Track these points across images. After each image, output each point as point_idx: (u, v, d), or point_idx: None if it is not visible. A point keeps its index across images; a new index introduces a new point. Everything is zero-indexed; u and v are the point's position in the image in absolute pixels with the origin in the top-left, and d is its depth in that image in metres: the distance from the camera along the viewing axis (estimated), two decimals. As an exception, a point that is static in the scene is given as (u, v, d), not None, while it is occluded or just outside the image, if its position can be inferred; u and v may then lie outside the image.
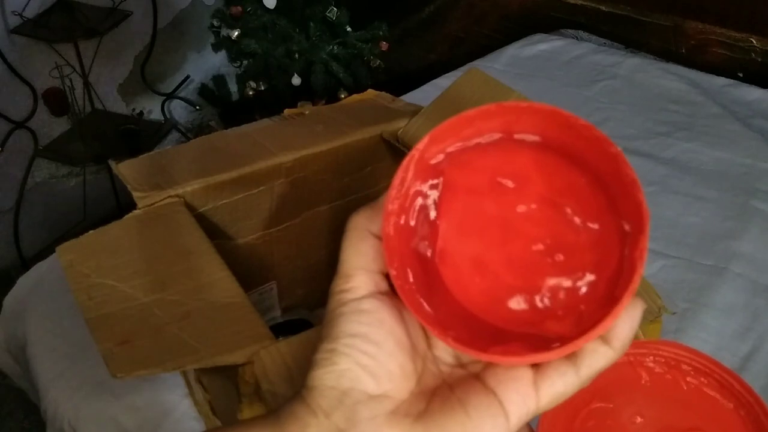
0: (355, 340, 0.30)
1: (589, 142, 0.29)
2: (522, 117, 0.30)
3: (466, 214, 0.32)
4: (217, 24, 1.84)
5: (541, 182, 0.31)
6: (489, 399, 0.29)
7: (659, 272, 1.13)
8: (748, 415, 0.38)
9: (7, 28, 1.56)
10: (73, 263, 0.60)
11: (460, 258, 0.32)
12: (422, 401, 0.30)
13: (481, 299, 0.31)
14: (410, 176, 0.31)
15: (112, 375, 0.51)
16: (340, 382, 0.29)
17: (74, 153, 1.71)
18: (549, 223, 0.31)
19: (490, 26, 2.09)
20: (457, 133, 0.31)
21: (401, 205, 0.31)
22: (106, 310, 0.56)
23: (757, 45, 1.71)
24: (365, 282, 0.31)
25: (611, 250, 0.29)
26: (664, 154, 1.41)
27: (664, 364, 0.41)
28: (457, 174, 0.32)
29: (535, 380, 0.29)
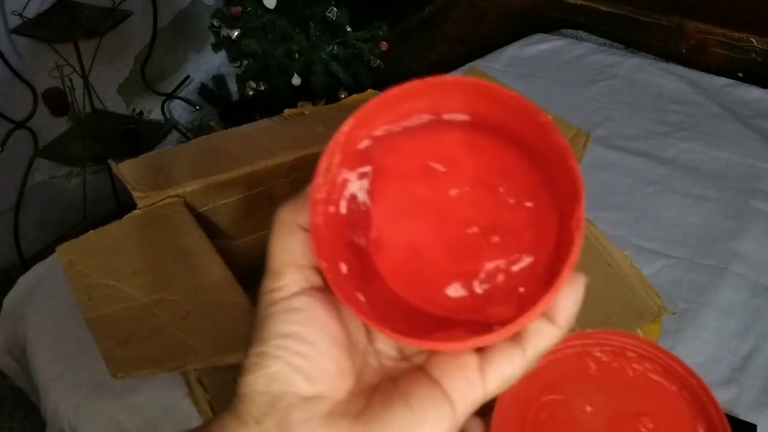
0: (287, 341, 0.28)
1: (518, 113, 0.28)
2: (449, 94, 0.29)
3: (399, 201, 0.31)
4: (217, 24, 1.84)
5: (473, 163, 0.30)
6: (433, 390, 0.28)
7: (659, 272, 1.13)
8: (691, 396, 0.39)
9: (7, 28, 1.56)
10: (73, 263, 0.60)
11: (395, 246, 0.31)
12: (362, 399, 0.29)
13: (419, 288, 0.30)
14: (336, 162, 0.29)
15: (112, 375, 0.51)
16: (272, 387, 0.28)
17: (74, 153, 1.71)
18: (483, 205, 0.30)
19: (490, 26, 2.09)
20: (384, 114, 0.30)
21: (329, 194, 0.29)
22: (106, 310, 0.56)
23: (757, 45, 1.71)
24: (296, 279, 0.30)
25: (549, 228, 0.29)
26: (664, 154, 1.41)
27: (611, 352, 0.41)
28: (387, 160, 0.31)
29: (481, 366, 0.28)
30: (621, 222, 1.24)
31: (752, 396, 0.96)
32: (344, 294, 0.28)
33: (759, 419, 0.91)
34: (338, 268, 0.29)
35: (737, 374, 0.99)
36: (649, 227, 1.23)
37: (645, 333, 0.58)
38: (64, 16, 1.56)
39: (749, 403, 0.95)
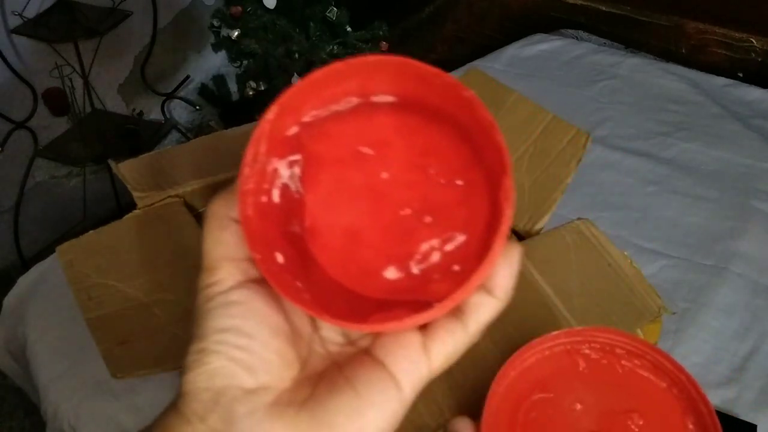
0: (226, 335, 0.28)
1: (443, 90, 0.28)
2: (374, 75, 0.29)
3: (332, 187, 0.31)
4: (217, 24, 1.84)
5: (403, 145, 0.30)
6: (378, 372, 0.28)
7: (659, 272, 1.13)
8: (680, 392, 0.39)
9: (7, 28, 1.56)
10: (73, 263, 0.60)
11: (331, 233, 0.30)
12: (308, 387, 0.29)
13: (356, 273, 0.30)
14: (263, 151, 0.29)
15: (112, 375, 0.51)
16: (214, 382, 0.27)
17: (74, 153, 1.71)
18: (414, 186, 0.30)
19: (490, 26, 2.09)
20: (311, 99, 0.29)
21: (258, 184, 0.29)
22: (106, 310, 0.56)
23: (757, 45, 1.71)
24: (231, 272, 0.29)
25: (480, 205, 0.29)
26: (664, 154, 1.41)
27: (600, 350, 0.41)
28: (317, 146, 0.30)
29: (425, 343, 0.29)
30: (621, 222, 1.24)
31: (752, 396, 0.96)
32: (279, 283, 0.28)
33: (759, 419, 0.92)
34: (273, 258, 0.29)
35: (737, 374, 0.99)
36: (649, 227, 1.23)
37: (645, 333, 0.58)
38: (64, 16, 1.56)
39: (749, 403, 0.95)
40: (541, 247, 0.58)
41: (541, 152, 0.64)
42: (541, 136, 0.65)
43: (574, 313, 0.54)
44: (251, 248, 0.28)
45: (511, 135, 0.66)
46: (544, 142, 0.64)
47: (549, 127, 0.65)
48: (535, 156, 0.64)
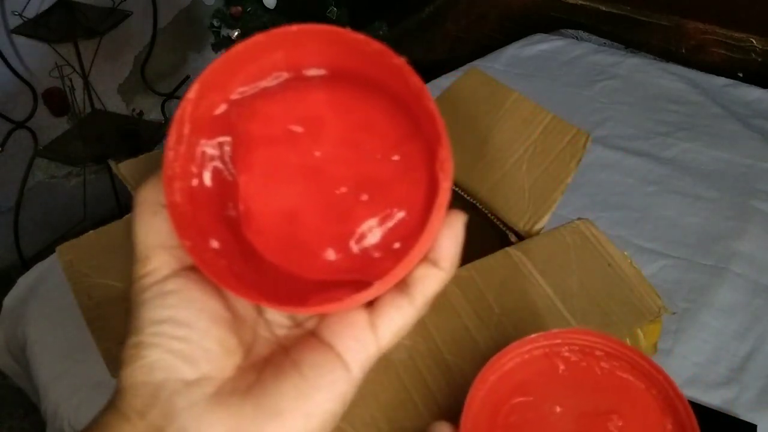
0: (162, 327, 0.27)
1: (373, 59, 0.27)
2: (300, 46, 0.28)
3: (265, 169, 0.29)
4: (217, 24, 1.84)
5: (336, 121, 0.29)
6: (325, 353, 0.27)
7: (659, 272, 1.13)
8: (659, 392, 0.39)
9: (7, 28, 1.56)
10: (73, 263, 0.60)
11: (267, 216, 0.29)
12: (253, 373, 0.28)
13: (296, 256, 0.29)
14: (188, 132, 0.27)
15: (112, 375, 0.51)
16: (153, 376, 0.26)
17: (74, 153, 1.71)
18: (349, 163, 0.29)
19: (491, 26, 2.09)
20: (236, 75, 0.28)
21: (186, 168, 0.28)
22: (106, 310, 0.56)
23: (757, 45, 1.71)
24: (166, 261, 0.28)
25: (418, 179, 0.28)
26: (664, 154, 1.41)
27: (579, 351, 0.41)
28: (246, 126, 0.29)
29: (372, 321, 0.28)
30: (621, 222, 1.24)
31: (752, 396, 0.96)
32: (212, 270, 0.27)
33: (759, 419, 0.92)
34: (205, 244, 0.28)
35: (737, 374, 0.99)
36: (649, 227, 1.23)
37: (645, 333, 0.58)
38: (64, 16, 1.56)
39: (749, 403, 0.95)
40: (541, 247, 0.58)
41: (541, 152, 0.64)
42: (541, 136, 0.65)
43: (574, 313, 0.54)
44: (180, 235, 0.27)
45: (511, 135, 0.66)
46: (544, 142, 0.64)
47: (549, 127, 0.65)
48: (535, 156, 0.64)
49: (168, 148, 0.27)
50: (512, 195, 0.63)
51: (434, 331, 0.49)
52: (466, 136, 0.67)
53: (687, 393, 1.02)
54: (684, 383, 0.97)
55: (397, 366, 0.47)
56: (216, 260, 0.28)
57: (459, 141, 0.68)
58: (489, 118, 0.67)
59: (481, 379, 0.39)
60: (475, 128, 0.67)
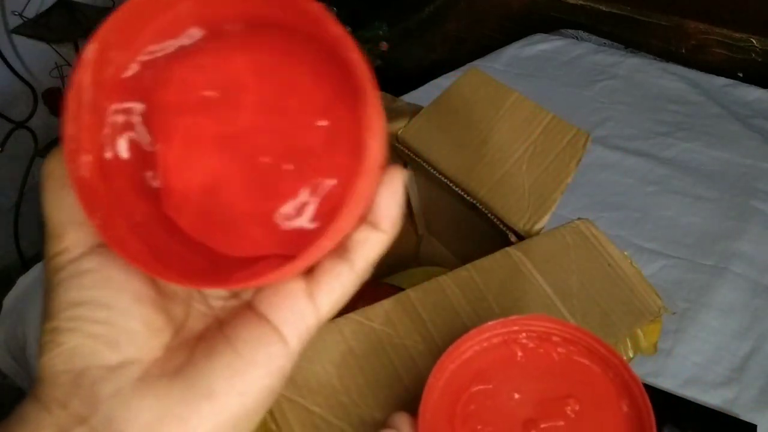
0: (80, 310, 0.25)
1: (289, 8, 0.25)
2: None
3: (184, 138, 0.27)
4: (217, 24, 1.84)
5: (257, 86, 0.27)
6: (260, 327, 0.26)
7: (659, 272, 1.13)
8: (615, 376, 0.40)
9: (7, 28, 1.56)
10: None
11: (187, 190, 0.27)
12: (184, 352, 0.26)
13: (219, 232, 0.27)
14: (92, 98, 0.25)
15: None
16: (72, 363, 0.24)
17: (74, 153, 1.71)
18: (273, 131, 0.27)
19: (491, 26, 2.09)
20: (141, 30, 0.25)
21: (92, 139, 0.25)
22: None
23: (757, 45, 1.71)
24: (80, 238, 0.26)
25: (349, 144, 0.25)
26: (664, 154, 1.41)
27: (536, 338, 0.41)
28: (162, 91, 0.26)
29: (310, 290, 0.26)
30: (621, 222, 1.24)
31: (752, 396, 0.96)
32: (123, 248, 0.24)
33: (759, 419, 0.91)
34: (118, 221, 0.25)
35: (737, 374, 0.99)
36: (649, 227, 1.23)
37: (645, 333, 0.58)
38: (64, 16, 1.56)
39: (749, 403, 0.95)
40: (541, 247, 0.58)
41: (541, 152, 0.64)
42: (541, 136, 0.65)
43: (574, 313, 0.54)
44: (87, 212, 0.24)
45: (511, 135, 0.66)
46: (544, 142, 0.64)
47: (549, 127, 0.65)
48: (535, 156, 0.64)
49: (67, 119, 0.24)
50: (512, 195, 0.63)
51: (434, 331, 0.49)
52: (466, 136, 0.67)
53: (687, 393, 1.02)
54: (684, 383, 0.97)
55: (397, 366, 0.47)
56: (129, 238, 0.25)
57: (459, 141, 0.68)
58: (489, 118, 0.67)
59: (440, 368, 0.40)
60: (475, 128, 0.67)
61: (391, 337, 0.48)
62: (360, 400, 0.45)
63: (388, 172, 0.27)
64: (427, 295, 0.51)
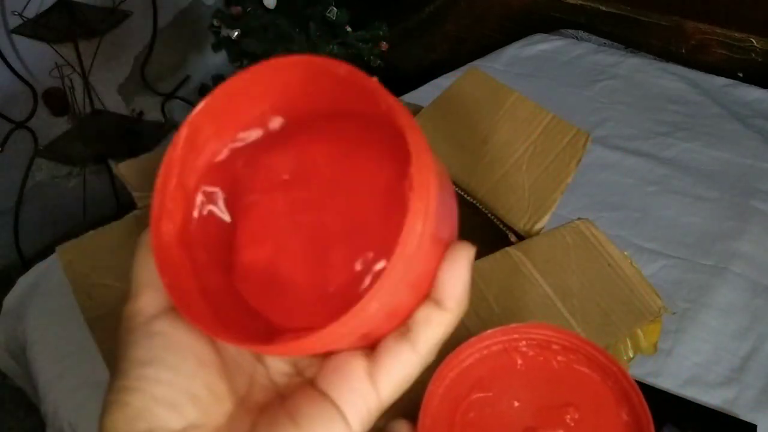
0: (147, 370, 0.25)
1: (363, 99, 0.26)
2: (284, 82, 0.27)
3: (258, 215, 0.29)
4: (217, 24, 1.84)
5: (328, 169, 0.28)
6: (321, 404, 0.25)
7: (659, 272, 1.13)
8: (614, 384, 0.40)
9: (7, 28, 1.56)
10: (73, 263, 0.60)
11: (254, 262, 0.28)
12: (246, 422, 0.26)
13: (279, 302, 0.28)
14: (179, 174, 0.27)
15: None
16: (136, 426, 0.25)
17: (74, 153, 1.71)
18: (338, 209, 0.28)
19: (491, 26, 2.09)
20: (226, 117, 0.27)
21: (178, 210, 0.27)
22: (106, 310, 0.56)
23: (757, 45, 1.71)
24: (154, 299, 0.27)
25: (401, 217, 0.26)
26: (664, 154, 1.41)
27: (536, 346, 0.42)
28: (250, 176, 0.28)
29: (371, 371, 0.26)
30: (621, 222, 1.24)
31: (752, 396, 0.96)
32: (187, 309, 0.25)
33: (759, 419, 0.92)
34: (189, 285, 0.27)
35: (737, 374, 0.99)
36: (649, 227, 1.23)
37: (645, 333, 0.58)
38: (64, 16, 1.56)
39: (749, 403, 0.95)
40: (541, 247, 0.58)
41: (541, 152, 0.64)
42: (541, 136, 0.65)
43: (574, 313, 0.54)
44: (160, 272, 0.26)
45: (511, 135, 0.66)
46: (544, 142, 0.64)
47: (549, 127, 0.65)
48: (535, 156, 0.64)
49: (157, 190, 0.26)
50: (512, 195, 0.63)
51: (434, 331, 0.49)
52: (466, 136, 0.67)
53: (687, 393, 1.02)
54: (684, 383, 0.97)
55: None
56: (195, 301, 0.26)
57: (459, 141, 0.68)
58: (489, 118, 0.67)
59: (439, 375, 0.40)
60: (475, 128, 0.67)
61: (391, 337, 0.48)
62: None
63: (454, 249, 0.26)
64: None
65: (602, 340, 0.54)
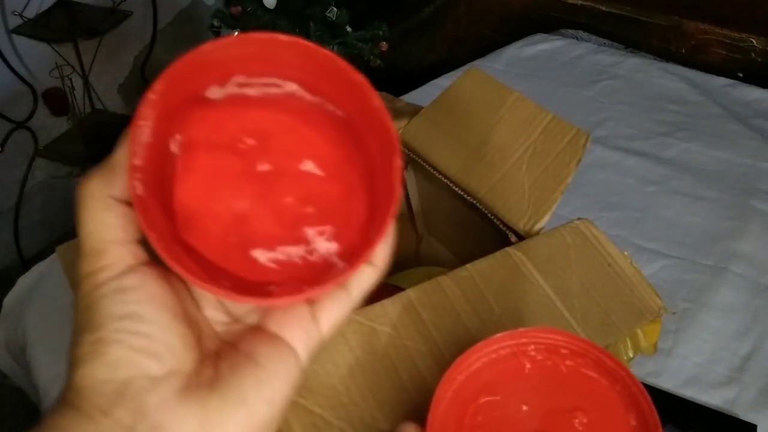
0: (124, 323, 0.27)
1: (336, 74, 0.29)
2: (271, 53, 0.29)
3: (210, 172, 0.30)
4: (217, 24, 1.84)
5: (283, 138, 0.31)
6: (276, 344, 0.29)
7: (659, 272, 1.13)
8: (622, 389, 0.40)
9: (7, 28, 1.56)
10: (73, 263, 0.60)
11: (210, 219, 0.30)
12: (209, 367, 0.28)
13: (239, 258, 0.30)
14: (151, 124, 0.28)
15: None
16: (117, 374, 0.26)
17: (74, 153, 1.71)
18: (294, 177, 0.31)
19: (490, 26, 2.09)
20: (201, 74, 0.29)
21: (147, 160, 0.27)
22: (106, 310, 0.56)
23: (757, 45, 1.71)
24: (122, 256, 0.28)
25: (358, 200, 0.31)
26: (664, 154, 1.41)
27: (545, 350, 0.42)
28: (199, 128, 0.30)
29: (313, 313, 0.31)
30: (621, 222, 1.24)
31: (752, 396, 0.96)
32: (178, 262, 0.26)
33: (759, 419, 0.92)
34: (170, 239, 0.28)
35: (737, 374, 0.99)
36: (649, 227, 1.23)
37: (645, 333, 0.58)
38: (64, 16, 1.56)
39: (749, 403, 0.95)
40: (541, 247, 0.58)
41: (541, 152, 0.64)
42: (541, 136, 0.65)
43: (574, 313, 0.54)
44: (147, 227, 0.26)
45: (511, 135, 0.66)
46: (544, 142, 0.64)
47: (549, 127, 0.65)
48: (535, 156, 0.64)
49: (133, 140, 0.27)
50: (512, 195, 0.63)
51: (434, 331, 0.49)
52: (466, 136, 0.67)
53: (687, 393, 1.02)
54: (684, 383, 0.97)
55: (397, 366, 0.47)
56: (178, 252, 0.28)
57: (459, 141, 0.68)
58: (489, 118, 0.67)
59: (448, 379, 0.40)
60: (475, 128, 0.68)
61: (392, 338, 0.48)
62: (360, 401, 0.45)
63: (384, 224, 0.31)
64: (427, 296, 0.51)
65: (602, 340, 0.54)
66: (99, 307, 0.27)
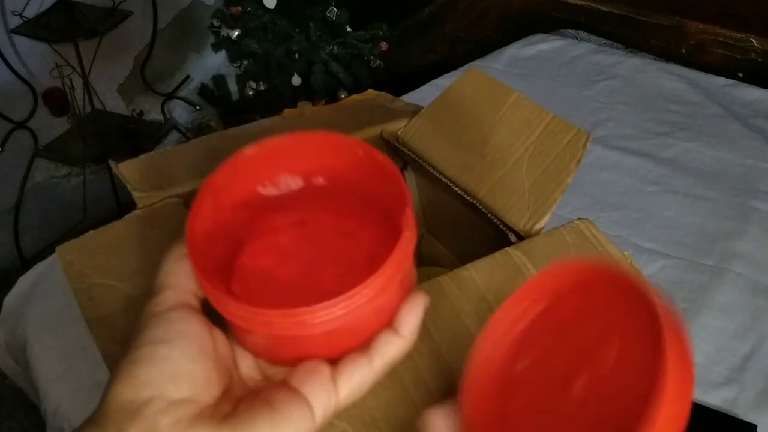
0: (157, 347, 0.30)
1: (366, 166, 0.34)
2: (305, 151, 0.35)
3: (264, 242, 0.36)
4: (217, 24, 1.84)
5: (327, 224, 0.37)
6: (294, 395, 0.31)
7: (659, 272, 1.13)
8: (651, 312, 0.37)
9: (7, 28, 1.56)
10: (73, 263, 0.60)
11: (252, 273, 0.35)
12: (229, 405, 0.31)
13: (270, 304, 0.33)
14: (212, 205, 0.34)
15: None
16: (140, 394, 0.29)
17: (74, 153, 1.71)
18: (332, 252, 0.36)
19: (490, 26, 2.09)
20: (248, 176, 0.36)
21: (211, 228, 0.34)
22: (106, 310, 0.56)
23: (757, 45, 1.71)
24: (173, 295, 0.32)
25: None
26: (664, 154, 1.41)
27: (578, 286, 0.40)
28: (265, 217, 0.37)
29: (333, 376, 0.32)
30: (621, 222, 1.24)
31: (752, 396, 0.96)
32: (214, 285, 0.31)
33: (759, 419, 0.92)
34: (218, 284, 0.32)
35: (737, 374, 0.99)
36: (649, 227, 1.23)
37: (645, 333, 0.58)
38: (64, 16, 1.56)
39: (749, 403, 0.95)
40: (541, 247, 0.58)
41: (541, 152, 0.64)
42: (541, 136, 0.65)
43: (574, 313, 0.54)
44: (195, 265, 0.32)
45: (511, 135, 0.66)
46: (544, 142, 0.64)
47: (549, 127, 0.65)
48: (535, 156, 0.64)
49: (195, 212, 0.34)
50: (512, 195, 0.63)
51: (434, 331, 0.49)
52: (466, 136, 0.67)
53: (687, 393, 1.01)
54: (684, 383, 0.97)
55: (397, 366, 0.47)
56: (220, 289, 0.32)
57: (459, 141, 0.68)
58: (489, 118, 0.67)
59: (485, 337, 0.38)
60: (475, 128, 0.68)
61: (391, 337, 0.48)
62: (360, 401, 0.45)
63: (414, 294, 0.33)
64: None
65: (602, 340, 0.54)
66: (141, 332, 0.31)
